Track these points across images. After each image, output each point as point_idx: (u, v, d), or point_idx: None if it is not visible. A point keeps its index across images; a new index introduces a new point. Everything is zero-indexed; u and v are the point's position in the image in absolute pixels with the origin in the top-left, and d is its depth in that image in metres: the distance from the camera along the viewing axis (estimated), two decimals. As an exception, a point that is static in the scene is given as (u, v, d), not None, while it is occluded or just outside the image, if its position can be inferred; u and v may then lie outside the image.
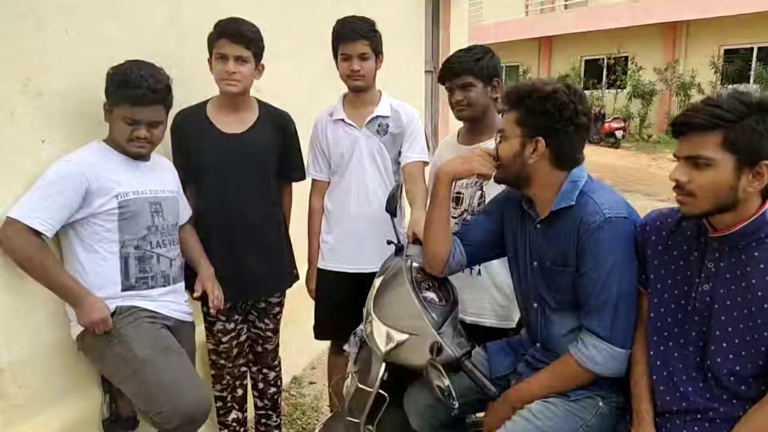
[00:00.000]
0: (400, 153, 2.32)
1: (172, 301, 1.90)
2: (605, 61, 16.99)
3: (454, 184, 1.79)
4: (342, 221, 2.35)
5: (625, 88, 16.12)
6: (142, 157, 1.85)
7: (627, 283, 1.48)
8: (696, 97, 14.46)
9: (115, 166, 1.76)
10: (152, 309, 1.82)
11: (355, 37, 2.16)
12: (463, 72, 2.05)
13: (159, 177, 1.91)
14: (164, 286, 1.87)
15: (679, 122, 1.31)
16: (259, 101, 2.25)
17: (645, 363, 1.47)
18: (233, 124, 2.15)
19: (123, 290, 1.77)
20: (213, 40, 2.05)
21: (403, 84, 4.95)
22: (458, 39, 6.45)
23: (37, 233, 1.61)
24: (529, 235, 1.68)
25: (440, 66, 2.19)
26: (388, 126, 2.29)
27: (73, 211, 1.67)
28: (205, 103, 2.18)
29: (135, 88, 1.71)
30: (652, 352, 1.45)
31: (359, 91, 2.27)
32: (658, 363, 1.44)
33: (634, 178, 10.44)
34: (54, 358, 1.81)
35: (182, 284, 1.99)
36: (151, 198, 1.83)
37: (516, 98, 1.56)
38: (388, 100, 2.33)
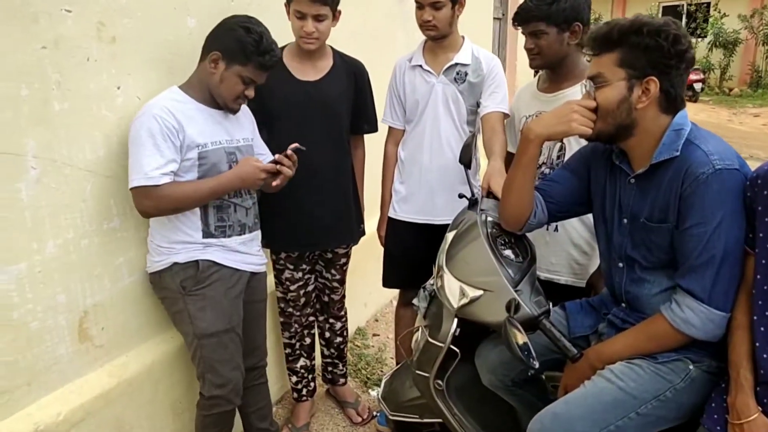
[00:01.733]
0: (479, 104, 2.21)
1: (247, 252, 1.91)
2: (685, 7, 15.78)
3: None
4: (414, 171, 2.31)
5: (706, 36, 14.98)
6: (233, 111, 1.85)
7: (734, 240, 1.34)
8: (787, 46, 13.34)
9: (194, 116, 1.74)
10: (230, 265, 1.84)
11: None
12: (532, 18, 1.90)
13: (235, 125, 1.89)
14: (241, 234, 1.88)
15: None
16: (333, 49, 2.20)
17: (746, 328, 1.35)
18: (308, 71, 2.13)
19: (204, 237, 1.80)
20: None
21: (469, 32, 4.72)
22: (529, -16, 6.09)
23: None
24: (620, 191, 1.55)
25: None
26: (466, 74, 2.20)
27: (179, 158, 1.69)
28: (281, 49, 2.13)
29: (273, 56, 1.75)
30: (756, 317, 1.33)
31: (434, 40, 2.19)
32: (762, 329, 1.31)
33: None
34: (133, 302, 1.87)
35: (258, 232, 1.99)
36: (228, 147, 1.82)
37: (618, 36, 1.39)
38: (470, 47, 2.23)
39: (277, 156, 1.84)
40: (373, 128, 2.35)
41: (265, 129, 2.14)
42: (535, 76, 2.21)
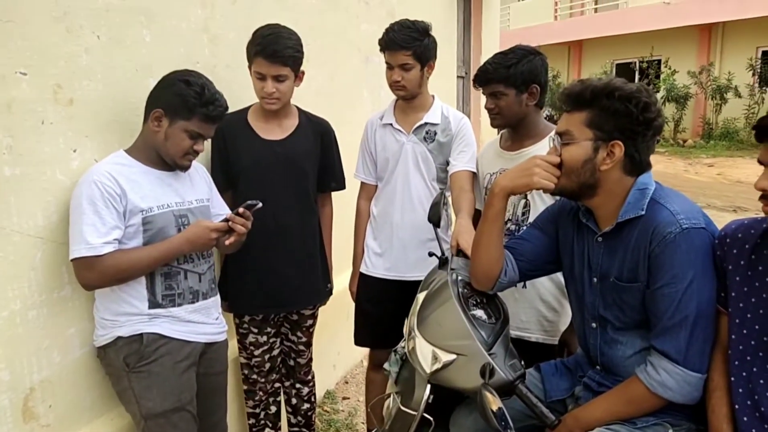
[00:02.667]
0: (448, 162, 2.22)
1: (201, 321, 1.79)
2: (638, 64, 16.63)
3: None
4: (386, 228, 2.30)
5: (658, 91, 15.73)
6: (183, 169, 1.77)
7: (706, 300, 1.34)
8: (732, 101, 14.11)
9: (139, 179, 1.66)
10: (179, 338, 1.72)
11: (394, 48, 2.11)
12: (491, 80, 1.95)
13: (187, 186, 1.81)
14: (193, 302, 1.77)
15: (765, 125, 1.18)
16: (299, 109, 2.21)
17: (724, 389, 1.33)
18: (274, 130, 2.12)
19: (150, 308, 1.68)
20: (251, 54, 1.99)
21: (435, 89, 4.85)
22: (490, 44, 6.34)
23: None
24: (588, 250, 1.54)
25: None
26: (436, 134, 2.22)
27: (122, 225, 1.61)
28: (246, 109, 2.16)
29: (217, 106, 1.69)
30: (733, 378, 1.31)
31: (404, 99, 2.23)
32: (741, 391, 1.29)
33: (669, 184, 9.96)
34: (86, 375, 1.75)
35: (214, 299, 1.88)
36: (177, 210, 1.73)
37: (590, 96, 1.41)
38: (440, 107, 2.27)
39: (228, 214, 1.75)
40: (341, 186, 2.34)
41: (231, 189, 2.11)
42: (498, 133, 2.24)
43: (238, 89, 2.22)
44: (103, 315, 1.68)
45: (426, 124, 2.22)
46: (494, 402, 1.36)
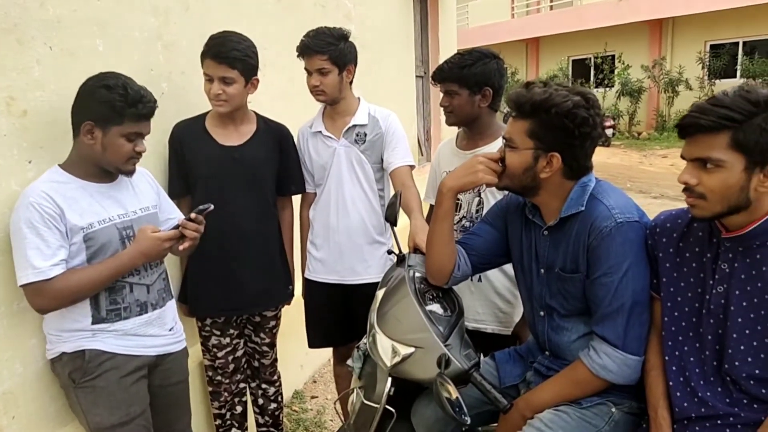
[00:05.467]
0: (383, 160, 2.29)
1: (151, 334, 1.75)
2: (592, 60, 17.07)
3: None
4: (322, 233, 2.35)
5: (613, 86, 16.19)
6: (129, 174, 1.72)
7: (641, 287, 1.44)
8: (684, 93, 14.60)
9: (77, 196, 1.60)
10: (124, 352, 1.67)
11: (310, 53, 2.15)
12: (446, 78, 2.03)
13: (130, 195, 1.75)
14: (141, 314, 1.72)
15: (685, 124, 1.27)
16: (257, 114, 2.23)
17: (660, 368, 1.43)
18: (231, 136, 2.14)
19: (94, 323, 1.64)
20: (201, 57, 2.02)
21: (394, 89, 4.93)
22: (447, 43, 6.44)
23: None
24: (535, 243, 1.63)
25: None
26: (365, 134, 2.27)
27: (67, 243, 1.57)
28: (203, 115, 2.17)
29: (146, 103, 1.63)
30: (667, 358, 1.41)
31: (328, 104, 2.27)
32: (674, 368, 1.40)
33: (625, 175, 10.47)
34: (50, 384, 1.75)
35: (167, 308, 1.82)
36: (120, 223, 1.67)
37: (530, 109, 1.46)
38: (366, 108, 2.32)
39: (180, 220, 1.74)
40: (300, 189, 2.37)
41: (189, 195, 2.12)
42: (457, 132, 2.31)
43: (193, 95, 2.24)
44: (49, 330, 1.66)
45: (354, 126, 2.27)
46: (450, 391, 1.43)
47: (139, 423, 1.70)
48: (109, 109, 1.57)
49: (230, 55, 1.97)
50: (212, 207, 1.72)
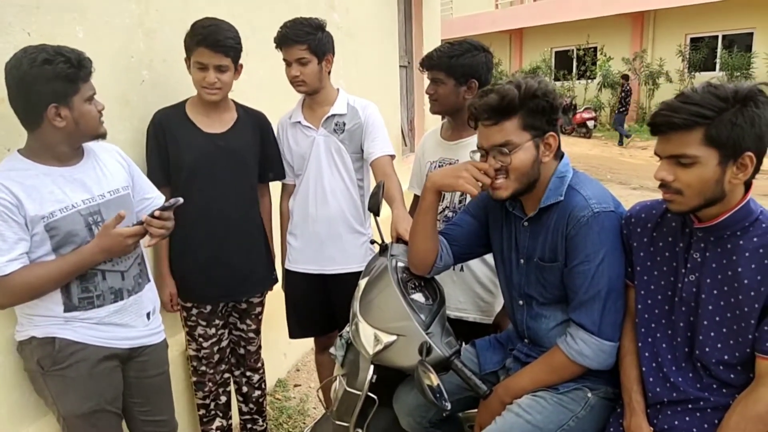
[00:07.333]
0: (362, 149, 2.30)
1: (126, 324, 1.70)
2: (575, 51, 17.19)
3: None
4: (301, 223, 2.36)
5: (595, 78, 16.32)
6: (103, 136, 1.65)
7: (616, 275, 1.48)
8: (664, 86, 14.77)
9: (38, 184, 1.53)
10: (96, 344, 1.63)
11: (290, 43, 2.15)
12: (434, 66, 2.04)
13: (98, 177, 1.67)
14: (115, 301, 1.67)
15: (658, 122, 1.30)
16: (236, 102, 2.23)
17: (634, 354, 1.48)
18: (214, 123, 2.14)
19: (66, 311, 1.60)
20: (191, 45, 2.00)
21: (378, 79, 4.93)
22: (431, 33, 6.44)
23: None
24: (515, 233, 1.66)
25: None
26: (344, 124, 2.28)
27: (28, 236, 1.51)
28: (183, 103, 2.16)
29: (86, 64, 1.55)
30: (640, 344, 1.46)
31: (307, 95, 2.28)
32: (647, 354, 1.44)
33: (605, 166, 10.61)
34: (26, 376, 1.72)
35: (144, 293, 1.76)
36: (86, 209, 1.60)
37: (518, 102, 1.47)
38: (345, 98, 2.33)
39: (143, 217, 1.65)
40: (279, 176, 2.38)
41: (173, 183, 2.11)
42: (443, 119, 2.31)
43: (174, 83, 2.23)
44: (23, 310, 1.61)
45: (333, 116, 2.28)
46: (431, 377, 1.46)
47: (110, 410, 1.68)
48: (63, 81, 1.49)
49: (226, 44, 1.97)
50: (181, 201, 1.66)
